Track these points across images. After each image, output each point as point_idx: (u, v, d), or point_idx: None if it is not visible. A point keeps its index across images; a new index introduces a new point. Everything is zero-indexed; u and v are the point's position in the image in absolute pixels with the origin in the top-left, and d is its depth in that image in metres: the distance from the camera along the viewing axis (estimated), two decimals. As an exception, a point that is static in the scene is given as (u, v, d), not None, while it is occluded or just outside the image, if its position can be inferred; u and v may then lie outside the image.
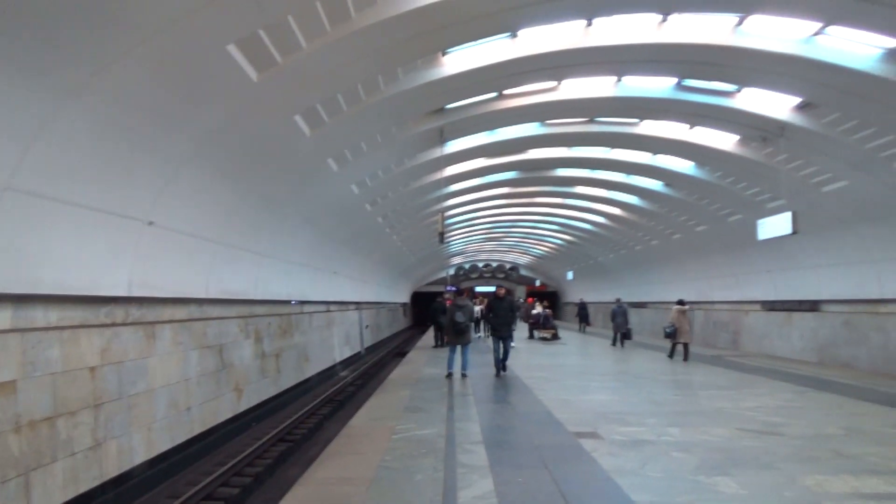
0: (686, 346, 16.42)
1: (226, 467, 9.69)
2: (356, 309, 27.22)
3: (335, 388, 18.23)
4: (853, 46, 9.89)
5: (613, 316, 21.60)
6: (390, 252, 29.34)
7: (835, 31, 9.67)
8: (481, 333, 26.12)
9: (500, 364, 12.86)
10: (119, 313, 8.57)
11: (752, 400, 10.01)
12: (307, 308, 18.69)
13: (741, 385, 11.91)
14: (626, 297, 24.49)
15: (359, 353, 27.16)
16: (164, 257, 9.48)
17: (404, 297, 49.84)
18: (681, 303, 16.73)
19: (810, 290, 17.50)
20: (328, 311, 21.56)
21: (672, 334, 16.41)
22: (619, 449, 6.65)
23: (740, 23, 10.02)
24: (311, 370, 18.75)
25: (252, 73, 7.96)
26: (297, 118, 10.16)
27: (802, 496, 5.06)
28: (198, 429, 10.67)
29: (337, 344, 22.86)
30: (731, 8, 9.63)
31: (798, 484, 5.37)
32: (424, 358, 17.41)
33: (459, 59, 10.74)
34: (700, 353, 19.41)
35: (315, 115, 10.39)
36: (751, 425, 7.92)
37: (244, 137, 9.71)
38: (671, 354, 16.99)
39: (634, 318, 30.65)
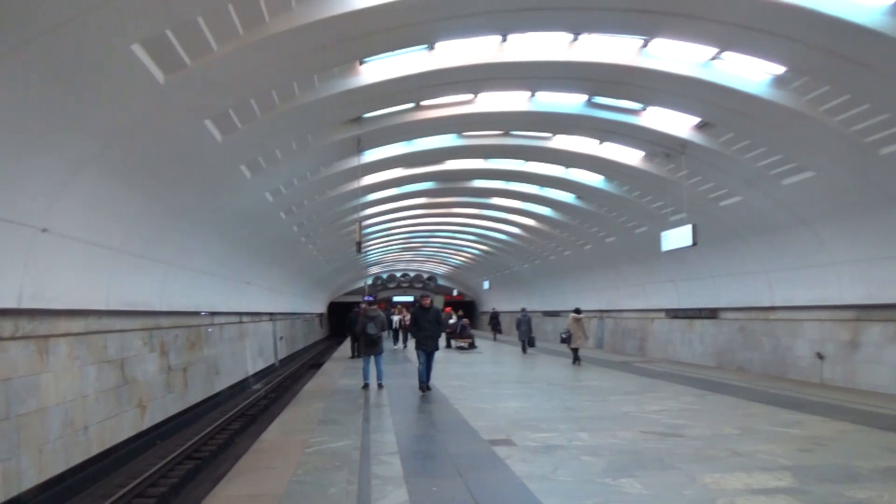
0: (577, 351, 17.93)
1: (127, 489, 9.16)
2: (270, 320, 26.51)
3: (247, 401, 17.65)
4: (746, 72, 10.63)
5: (518, 324, 23.07)
6: (306, 262, 28.80)
7: (730, 56, 10.36)
8: (401, 345, 25.86)
9: (426, 379, 11.94)
10: (7, 326, 7.96)
11: (656, 403, 10.48)
12: (218, 319, 18.02)
13: (647, 389, 12.44)
14: (541, 307, 25.16)
15: (273, 365, 26.44)
16: (60, 266, 8.89)
17: (321, 307, 49.00)
18: (577, 311, 18.35)
19: (710, 298, 18.56)
20: (240, 322, 20.88)
21: (567, 339, 18.01)
22: (531, 455, 6.79)
23: (645, 45, 10.55)
24: (222, 384, 18.07)
25: (159, 75, 7.64)
26: (208, 123, 9.82)
27: (700, 494, 5.33)
28: (96, 449, 10.04)
29: (250, 356, 22.15)
30: (636, 31, 10.12)
31: (697, 482, 5.66)
32: (340, 369, 17.17)
33: (377, 69, 10.73)
34: (609, 359, 20.15)
35: (227, 120, 10.08)
36: (655, 428, 8.28)
37: (151, 141, 9.29)
38: (574, 361, 17.95)
39: (549, 326, 31.56)
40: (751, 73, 10.62)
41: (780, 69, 10.23)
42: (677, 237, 14.35)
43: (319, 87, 10.56)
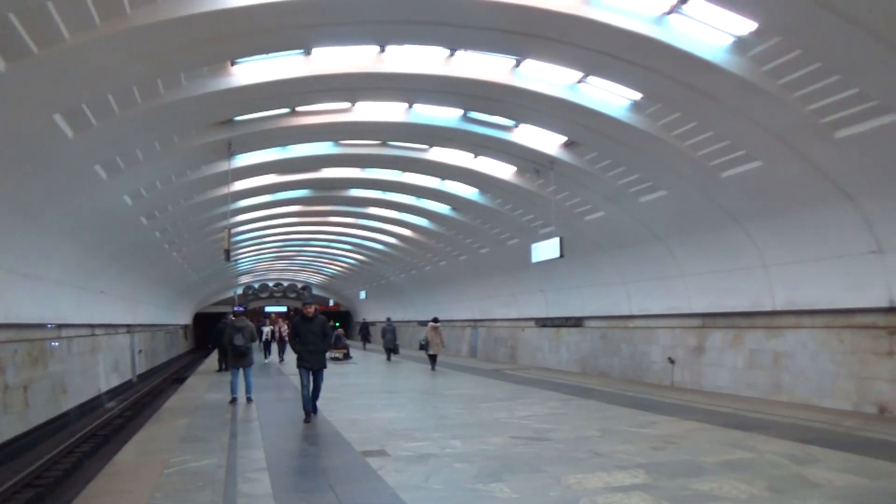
0: (434, 357, 19.33)
1: (-51, 525, 8.10)
2: (128, 332, 24.62)
3: (99, 420, 16.25)
4: (608, 96, 11.39)
5: (384, 333, 24.12)
6: (170, 270, 27.13)
7: (594, 80, 11.05)
8: (272, 357, 24.71)
9: (311, 405, 9.99)
10: None
11: (525, 409, 10.86)
12: (67, 332, 16.47)
13: (517, 396, 12.87)
14: (416, 316, 25.39)
15: (130, 380, 24.56)
16: None
17: (186, 318, 46.28)
18: (435, 320, 19.88)
19: (575, 307, 19.60)
20: (93, 335, 19.22)
21: (425, 346, 19.56)
22: (404, 465, 6.78)
23: (518, 65, 11.00)
24: (71, 402, 16.51)
25: (-1, 62, 6.91)
26: (57, 117, 9.00)
27: (565, 494, 5.58)
28: (-89, 482, 8.80)
29: (103, 372, 20.42)
30: (509, 51, 10.53)
31: (562, 484, 5.92)
32: (206, 383, 16.28)
33: (250, 71, 10.36)
34: (482, 367, 20.66)
35: (80, 115, 9.29)
36: (523, 433, 8.58)
37: (-13, 135, 8.37)
38: (433, 367, 19.25)
39: (423, 336, 31.80)
40: (612, 97, 11.39)
41: (637, 95, 11.06)
42: (546, 249, 15.03)
43: (187, 85, 10.03)
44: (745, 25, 8.55)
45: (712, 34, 8.90)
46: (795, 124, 9.53)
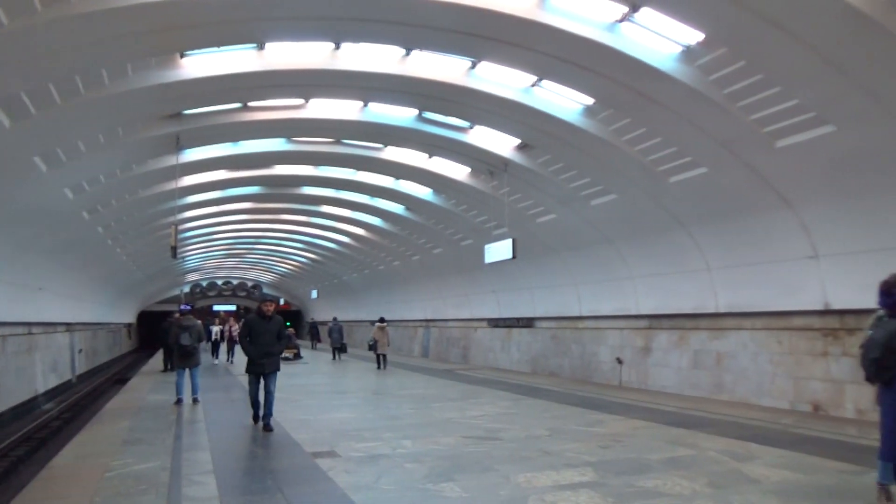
0: (384, 356, 19.71)
1: None
2: (67, 331, 23.71)
3: (36, 423, 15.60)
4: (561, 100, 11.56)
5: (331, 332, 24.60)
6: (113, 267, 26.24)
7: (548, 84, 11.20)
8: (219, 359, 23.42)
9: (264, 415, 9.00)
10: None
11: (476, 409, 10.93)
12: (1, 331, 15.76)
13: (468, 396, 12.94)
14: (369, 316, 25.25)
15: (69, 381, 23.66)
16: None
17: (129, 316, 44.87)
18: (381, 321, 20.47)
19: (527, 308, 19.82)
20: (29, 333, 18.43)
21: (373, 346, 19.98)
22: (355, 465, 6.74)
23: (473, 67, 11.07)
24: (3, 405, 15.80)
25: (-71, 46, 6.57)
26: (-6, 106, 8.61)
27: (514, 493, 5.64)
28: None
29: (40, 372, 19.61)
30: (464, 52, 10.58)
31: (511, 482, 5.98)
32: (150, 384, 15.82)
33: (200, 64, 10.12)
34: (435, 367, 20.70)
35: (18, 104, 8.90)
36: (474, 432, 8.63)
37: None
38: (378, 366, 19.70)
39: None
40: (565, 101, 11.57)
41: (589, 100, 11.26)
42: (499, 250, 15.15)
43: (133, 77, 9.73)
44: (693, 36, 8.82)
45: (662, 43, 9.15)
46: (739, 133, 9.88)
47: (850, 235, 9.97)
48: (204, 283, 53.39)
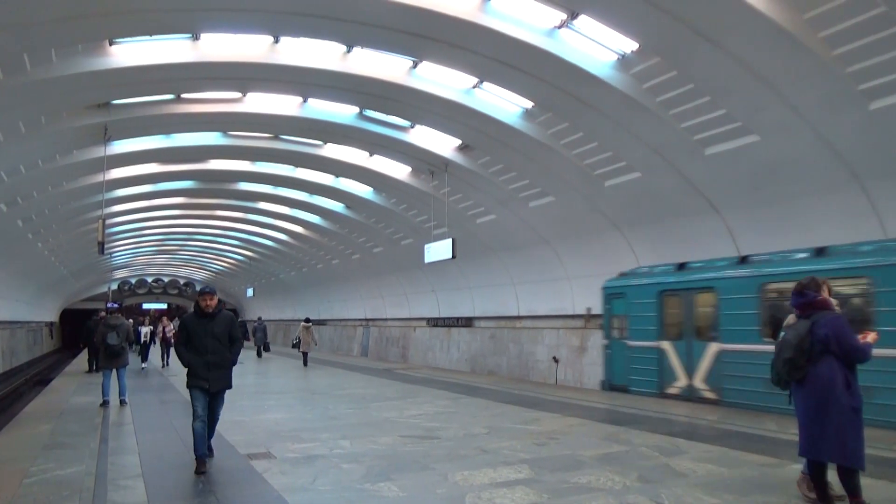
0: (306, 354, 20.29)
1: None
2: (-19, 331, 22.37)
3: (-56, 429, 14.61)
4: (501, 102, 11.71)
5: (255, 332, 25.25)
6: (34, 263, 24.92)
7: (489, 86, 11.33)
8: (148, 364, 20.13)
9: (204, 444, 6.56)
10: None
11: (415, 408, 10.93)
12: None
13: (407, 395, 12.93)
14: (308, 315, 24.88)
15: (-18, 384, 22.31)
16: None
17: (51, 315, 42.69)
18: (307, 320, 20.95)
19: (466, 308, 19.97)
20: (-62, 333, 17.30)
21: (297, 344, 20.74)
22: (291, 467, 6.63)
23: (415, 66, 11.07)
24: None
25: None
26: None
27: (451, 491, 5.68)
28: None
29: (-50, 375, 18.42)
30: (406, 51, 10.58)
31: (449, 481, 6.01)
32: (74, 385, 15.09)
33: (131, 52, 9.75)
34: (373, 367, 20.58)
35: (-71, 89, 8.36)
36: (413, 432, 8.63)
37: None
38: (304, 363, 20.11)
39: (315, 335, 31.22)
40: (505, 104, 11.73)
41: (529, 103, 11.46)
42: (439, 250, 15.21)
43: (58, 63, 9.28)
44: (628, 44, 9.11)
45: (599, 50, 9.40)
46: (671, 140, 10.25)
47: (768, 239, 10.51)
48: (133, 281, 51.39)
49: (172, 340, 19.13)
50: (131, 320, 21.49)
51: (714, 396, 10.75)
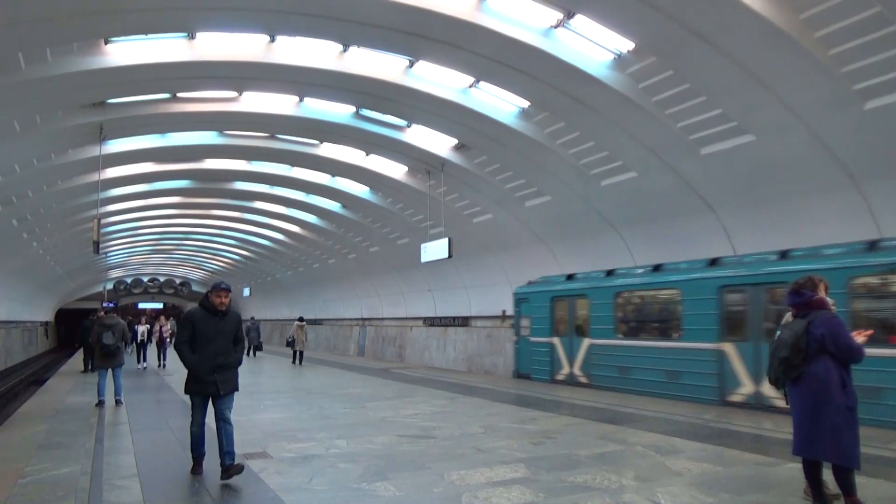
0: (301, 352, 20.67)
1: None
2: (-25, 330, 22.28)
3: (-62, 429, 14.55)
4: (498, 102, 11.71)
5: (247, 331, 24.93)
6: (29, 262, 24.84)
7: (485, 86, 11.33)
8: (146, 364, 19.76)
9: (225, 453, 6.02)
10: None
11: (411, 408, 10.93)
12: None
13: (403, 395, 12.92)
14: (304, 314, 24.87)
15: (-23, 384, 22.23)
16: None
17: (46, 314, 42.55)
18: (300, 320, 21.28)
19: (463, 307, 19.97)
20: (-67, 333, 17.23)
21: (292, 343, 21.03)
22: (287, 466, 6.62)
23: (411, 66, 11.07)
24: None
25: None
26: None
27: (448, 491, 5.68)
28: None
29: (-56, 374, 18.35)
30: (402, 51, 10.57)
31: (445, 480, 6.01)
32: (69, 385, 15.05)
33: (126, 51, 9.73)
34: (370, 366, 20.57)
35: (-77, 87, 8.32)
36: (409, 431, 8.63)
37: None
38: (294, 361, 20.52)
39: (311, 334, 31.20)
40: (502, 103, 11.73)
41: (525, 103, 11.46)
42: (435, 249, 15.22)
43: (53, 62, 9.25)
44: (625, 44, 9.12)
45: (595, 50, 9.41)
46: (667, 139, 10.27)
47: (763, 239, 10.54)
48: (129, 280, 51.22)
49: (169, 340, 19.15)
50: (130, 317, 21.45)
51: (586, 381, 13.42)
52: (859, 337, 4.73)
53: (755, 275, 9.89)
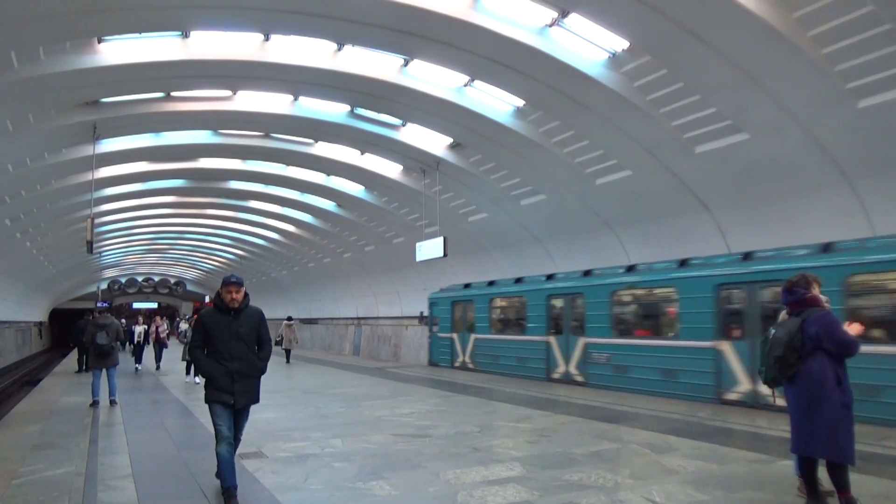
0: (289, 351, 20.94)
1: None
2: (-31, 331, 22.16)
3: (-69, 430, 14.46)
4: (493, 101, 11.71)
5: None
6: (22, 262, 24.74)
7: (480, 85, 11.33)
8: (142, 366, 18.97)
9: (233, 472, 5.17)
10: None
11: (407, 407, 10.92)
12: None
13: (399, 394, 12.92)
14: (299, 314, 24.84)
15: (-30, 384, 22.12)
16: None
17: (40, 314, 42.38)
18: (289, 319, 21.66)
19: (457, 306, 19.98)
20: (-75, 334, 17.13)
21: (280, 342, 21.15)
22: (282, 466, 6.61)
23: (406, 64, 11.06)
24: None
25: None
26: None
27: (443, 489, 5.68)
28: None
29: (-63, 375, 18.24)
30: (397, 50, 10.56)
31: (441, 479, 6.01)
32: (63, 385, 14.98)
33: (119, 50, 9.69)
34: (365, 365, 20.55)
35: (-85, 86, 8.27)
36: (405, 430, 8.63)
37: None
38: (287, 360, 20.50)
39: (306, 334, 31.16)
40: (497, 102, 11.73)
41: (520, 102, 11.46)
42: (430, 248, 15.21)
43: (46, 61, 9.21)
44: (619, 43, 9.13)
45: (590, 49, 9.42)
46: (661, 138, 10.29)
47: (757, 237, 10.57)
48: (123, 280, 51.06)
49: (166, 341, 19.12)
50: (124, 319, 21.27)
51: (473, 367, 16.89)
52: (853, 330, 4.74)
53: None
